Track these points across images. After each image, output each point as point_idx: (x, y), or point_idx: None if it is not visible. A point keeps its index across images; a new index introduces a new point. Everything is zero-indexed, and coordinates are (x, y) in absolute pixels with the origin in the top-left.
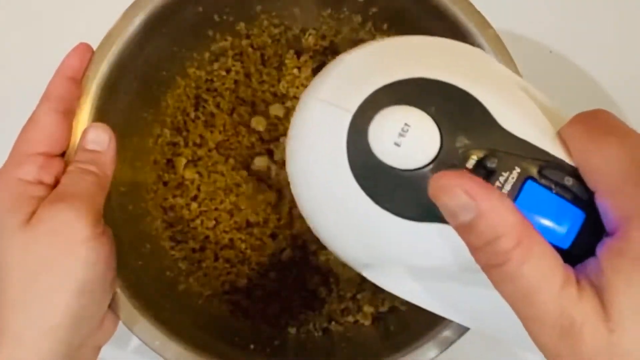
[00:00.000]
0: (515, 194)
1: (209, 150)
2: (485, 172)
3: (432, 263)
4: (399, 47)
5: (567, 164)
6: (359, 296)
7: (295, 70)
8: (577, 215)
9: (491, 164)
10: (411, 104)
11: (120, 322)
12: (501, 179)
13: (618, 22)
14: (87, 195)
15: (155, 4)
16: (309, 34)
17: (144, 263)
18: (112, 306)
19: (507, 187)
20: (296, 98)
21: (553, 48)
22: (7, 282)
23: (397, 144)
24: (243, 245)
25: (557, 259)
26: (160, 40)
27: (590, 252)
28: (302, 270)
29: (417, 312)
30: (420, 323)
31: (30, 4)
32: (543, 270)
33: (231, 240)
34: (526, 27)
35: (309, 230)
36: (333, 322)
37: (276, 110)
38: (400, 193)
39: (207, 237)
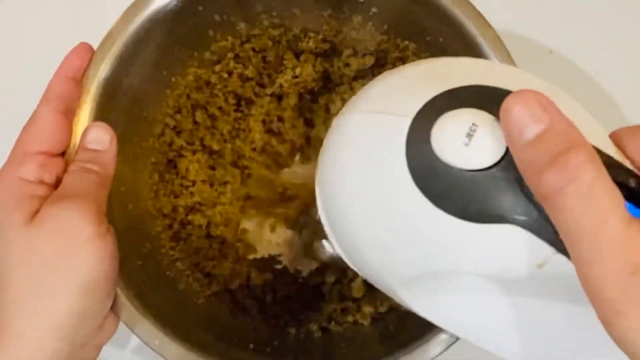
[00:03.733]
0: None
1: (211, 152)
2: None
3: (490, 267)
4: (445, 63)
5: (628, 168)
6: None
7: (297, 70)
8: None
9: None
10: (474, 107)
11: (121, 322)
12: None
13: (618, 22)
14: (89, 194)
15: (155, 4)
16: (309, 37)
17: (144, 263)
18: (113, 306)
19: None
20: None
21: (553, 48)
22: (11, 281)
23: (464, 144)
24: (242, 246)
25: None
26: (161, 40)
27: None
28: (303, 270)
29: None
30: (420, 323)
31: (31, 4)
32: (615, 195)
33: (230, 240)
34: (526, 27)
35: (310, 230)
36: (333, 322)
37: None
38: (462, 194)
39: (205, 237)
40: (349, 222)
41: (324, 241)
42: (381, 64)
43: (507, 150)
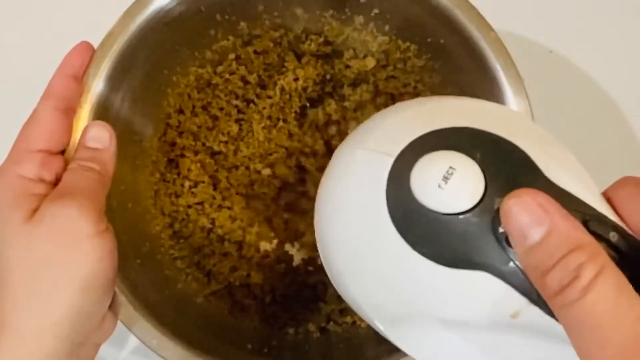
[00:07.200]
0: None
1: (213, 153)
2: None
3: (464, 313)
4: (438, 103)
5: (612, 220)
6: None
7: (299, 72)
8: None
9: None
10: (456, 149)
11: (119, 321)
12: None
13: (618, 22)
14: (89, 192)
15: (156, 3)
16: (311, 40)
17: (143, 261)
18: (112, 304)
19: None
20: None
21: (553, 48)
22: (10, 279)
23: (440, 187)
24: (243, 246)
25: (630, 286)
26: (162, 39)
27: None
28: (303, 269)
29: None
30: None
31: (31, 3)
32: (618, 292)
33: (231, 240)
34: (526, 27)
35: (309, 230)
36: (331, 322)
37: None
38: (438, 238)
39: (206, 236)
40: (335, 256)
41: None
42: (382, 65)
43: (484, 196)
